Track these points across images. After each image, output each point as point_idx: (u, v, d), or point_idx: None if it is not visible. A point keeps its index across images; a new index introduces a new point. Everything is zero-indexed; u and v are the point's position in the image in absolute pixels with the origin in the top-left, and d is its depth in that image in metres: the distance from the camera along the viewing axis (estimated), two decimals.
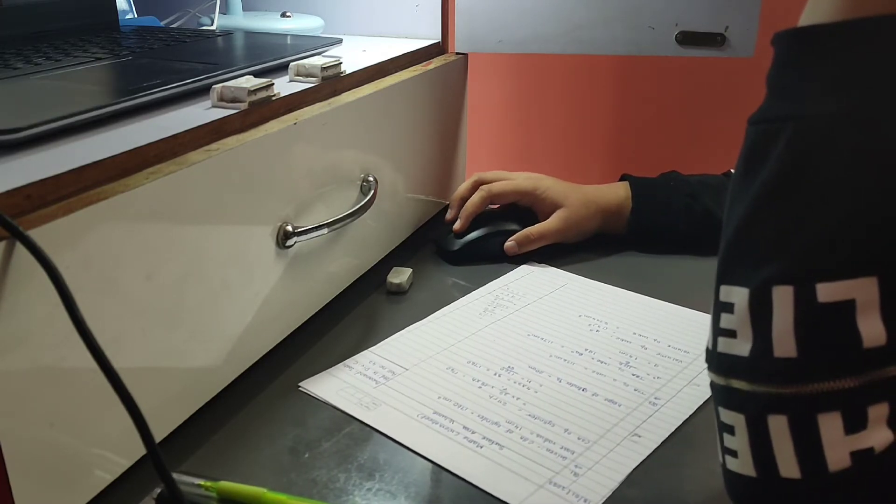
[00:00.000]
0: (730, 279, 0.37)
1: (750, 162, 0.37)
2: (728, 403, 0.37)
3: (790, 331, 0.34)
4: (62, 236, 0.38)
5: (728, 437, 0.37)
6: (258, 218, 0.53)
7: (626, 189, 0.78)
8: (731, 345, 0.37)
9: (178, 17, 0.94)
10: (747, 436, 0.36)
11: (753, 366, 0.36)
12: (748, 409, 0.36)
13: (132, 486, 0.44)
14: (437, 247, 0.77)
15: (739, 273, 0.37)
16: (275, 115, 0.56)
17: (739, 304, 0.36)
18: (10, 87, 0.54)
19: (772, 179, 0.36)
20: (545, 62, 1.27)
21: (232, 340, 0.52)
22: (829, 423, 0.34)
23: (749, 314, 0.36)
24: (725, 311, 0.37)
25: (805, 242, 0.35)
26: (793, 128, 0.35)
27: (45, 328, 0.38)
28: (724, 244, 0.38)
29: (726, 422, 0.37)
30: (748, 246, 0.37)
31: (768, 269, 0.35)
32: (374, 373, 0.57)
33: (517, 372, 0.57)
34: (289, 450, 0.49)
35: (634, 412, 0.52)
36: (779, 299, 0.35)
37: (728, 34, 0.77)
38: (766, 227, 0.36)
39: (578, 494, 0.45)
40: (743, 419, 0.36)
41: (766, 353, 0.35)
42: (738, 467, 0.37)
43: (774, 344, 0.35)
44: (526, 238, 0.74)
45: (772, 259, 0.35)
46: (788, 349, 0.34)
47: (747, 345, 0.36)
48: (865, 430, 0.33)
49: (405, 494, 0.45)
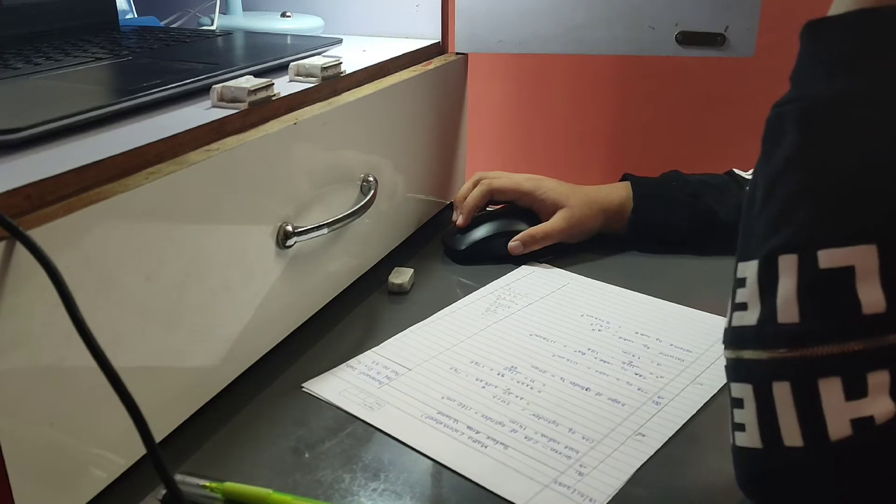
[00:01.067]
0: (745, 255, 0.39)
1: (766, 145, 0.40)
2: (738, 376, 0.39)
3: (793, 297, 0.36)
4: (62, 236, 0.38)
5: (737, 411, 0.38)
6: (258, 218, 0.53)
7: (627, 189, 0.77)
8: (742, 317, 0.38)
9: (178, 17, 0.94)
10: (755, 406, 0.37)
11: (759, 332, 0.37)
12: (755, 377, 0.37)
13: (132, 486, 0.43)
14: (445, 247, 0.77)
15: (753, 248, 0.38)
16: (275, 115, 0.56)
17: (750, 277, 0.38)
18: (10, 87, 0.54)
19: (781, 157, 0.38)
20: (545, 62, 1.27)
21: (232, 340, 0.52)
22: (830, 389, 0.35)
23: (758, 284, 0.37)
24: (740, 286, 0.39)
25: (809, 212, 0.36)
26: (799, 108, 0.38)
27: (45, 328, 0.37)
28: (743, 224, 0.40)
29: (736, 396, 0.38)
30: (761, 222, 0.38)
31: (775, 239, 0.37)
32: (377, 373, 0.56)
33: (520, 372, 0.56)
34: (292, 450, 0.48)
35: (638, 411, 0.52)
36: (784, 267, 0.36)
37: (728, 34, 0.77)
38: (777, 201, 0.38)
39: (584, 494, 0.44)
40: (751, 389, 0.37)
41: (770, 320, 0.36)
42: (745, 441, 0.38)
43: (779, 310, 0.36)
44: (530, 238, 0.74)
45: (779, 229, 0.37)
46: (791, 315, 0.36)
47: (756, 314, 0.37)
48: (866, 397, 0.34)
49: (410, 494, 0.45)
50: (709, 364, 0.57)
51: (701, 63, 1.14)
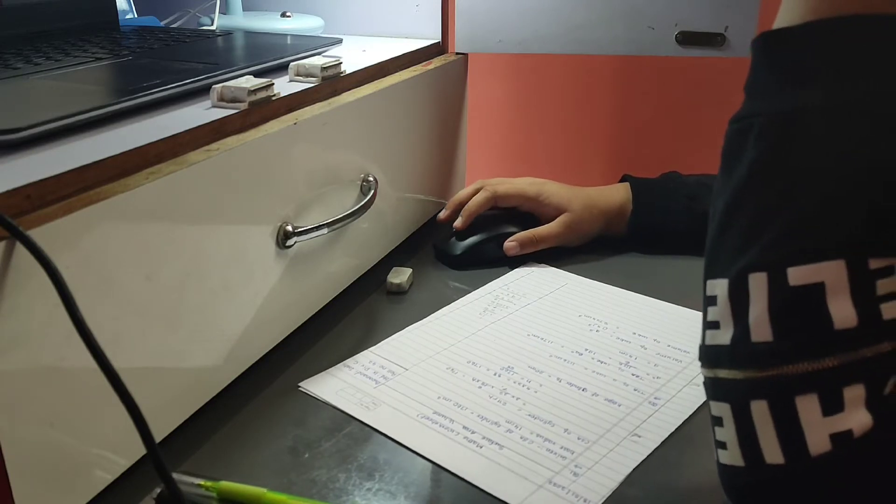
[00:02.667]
0: (713, 273, 0.39)
1: (727, 160, 0.39)
2: (715, 395, 0.38)
3: (765, 316, 0.36)
4: (62, 236, 0.38)
5: (718, 429, 0.38)
6: (258, 218, 0.53)
7: (626, 190, 0.78)
8: (715, 336, 0.38)
9: (178, 17, 0.94)
10: (734, 425, 0.37)
11: (734, 352, 0.37)
12: (732, 397, 0.37)
13: (132, 486, 0.44)
14: (438, 252, 0.76)
15: (721, 266, 0.38)
16: (275, 115, 0.56)
17: (721, 295, 0.38)
18: (10, 87, 0.54)
19: (744, 173, 0.37)
20: (545, 62, 1.27)
21: (232, 340, 0.52)
22: (807, 406, 0.35)
23: (729, 303, 0.37)
24: (710, 304, 0.39)
25: (776, 230, 0.36)
26: (760, 122, 0.37)
27: (45, 328, 0.38)
28: (707, 241, 0.40)
29: (716, 414, 0.38)
30: (727, 239, 0.38)
31: (744, 258, 0.37)
32: (374, 373, 0.57)
33: (517, 372, 0.57)
34: (289, 450, 0.49)
35: (634, 412, 0.52)
36: (754, 286, 0.36)
37: (728, 34, 0.77)
38: (742, 218, 0.37)
39: (578, 494, 0.45)
40: (729, 409, 0.37)
41: (744, 338, 0.36)
42: (727, 458, 0.38)
43: (752, 329, 0.36)
44: (528, 239, 0.74)
45: (748, 248, 0.37)
46: (764, 333, 0.36)
47: (729, 333, 0.37)
48: (843, 412, 0.34)
49: (405, 494, 0.45)
50: None
51: (701, 63, 1.14)
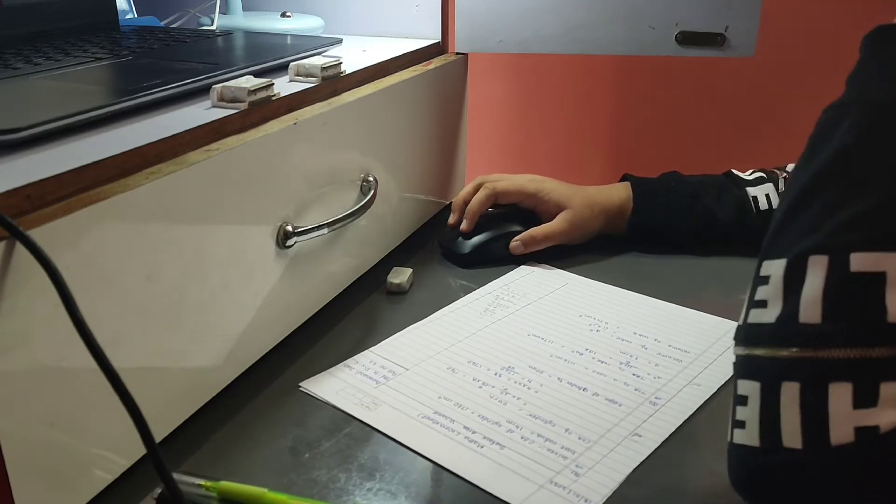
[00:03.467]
0: (772, 254, 0.38)
1: (814, 144, 0.39)
2: (747, 373, 0.38)
3: (818, 298, 0.35)
4: (62, 236, 0.38)
5: (740, 408, 0.38)
6: (258, 218, 0.53)
7: (627, 189, 0.78)
8: (760, 315, 0.38)
9: (178, 17, 0.94)
10: (759, 404, 0.37)
11: (777, 330, 0.37)
12: (765, 375, 0.37)
13: (132, 486, 0.44)
14: (445, 251, 0.77)
15: (782, 247, 0.38)
16: (275, 115, 0.56)
17: (775, 275, 0.37)
18: (10, 87, 0.54)
19: (830, 158, 0.37)
20: (545, 62, 1.27)
21: (232, 340, 0.52)
22: (839, 394, 0.34)
23: (782, 283, 0.37)
24: (761, 283, 0.38)
25: (847, 215, 0.36)
26: (856, 110, 0.38)
27: (45, 328, 0.37)
28: (774, 223, 0.39)
29: (742, 393, 0.38)
30: (798, 221, 0.38)
31: (808, 241, 0.36)
32: (375, 373, 0.57)
33: (517, 372, 0.57)
34: (289, 450, 0.49)
35: (635, 412, 0.52)
36: (814, 267, 0.36)
37: (728, 34, 0.77)
38: (817, 202, 0.37)
39: (579, 494, 0.45)
40: (758, 387, 0.37)
41: (791, 318, 0.36)
42: (743, 438, 0.37)
43: (801, 309, 0.36)
44: (532, 239, 0.74)
45: (814, 232, 0.36)
46: (814, 315, 0.35)
47: (775, 312, 0.37)
48: (875, 407, 0.34)
49: (406, 494, 0.45)
50: (706, 365, 0.57)
51: (701, 63, 1.14)
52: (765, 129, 1.20)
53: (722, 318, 0.64)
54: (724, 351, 0.59)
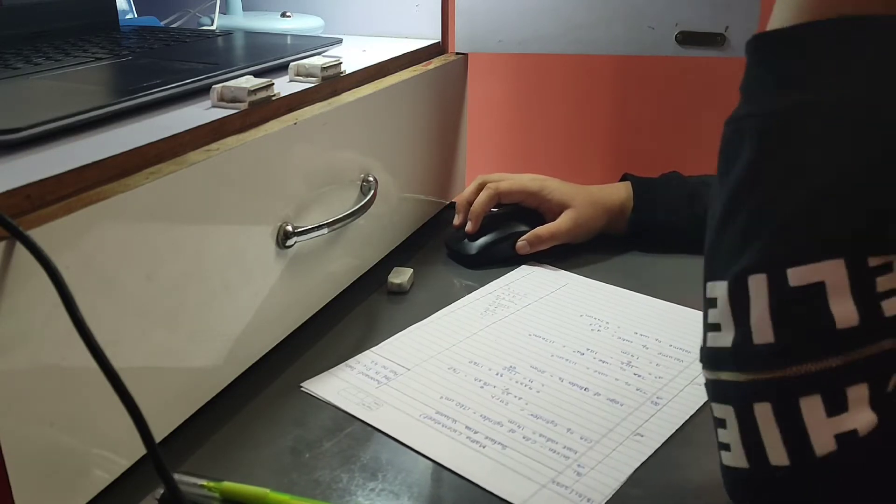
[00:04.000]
0: (712, 275, 0.39)
1: (723, 162, 0.39)
2: (718, 397, 0.38)
3: (766, 317, 0.35)
4: (62, 236, 0.38)
5: (721, 431, 0.38)
6: (258, 218, 0.53)
7: (627, 189, 0.78)
8: (716, 338, 0.38)
9: (178, 17, 0.94)
10: (737, 427, 0.37)
11: (736, 355, 0.37)
12: (735, 399, 0.37)
13: (132, 486, 0.44)
14: (451, 252, 0.76)
15: (720, 267, 0.38)
16: (275, 115, 0.56)
17: (721, 298, 0.38)
18: (10, 87, 0.54)
19: (740, 174, 0.38)
20: (545, 62, 1.27)
21: (232, 340, 0.52)
22: (811, 406, 0.35)
23: (729, 305, 0.37)
24: (711, 306, 0.39)
25: (773, 230, 0.36)
26: (754, 123, 0.37)
27: (45, 328, 0.37)
28: (706, 243, 0.40)
29: (718, 416, 0.38)
30: (725, 241, 0.38)
31: (743, 260, 0.37)
32: (376, 373, 0.56)
33: (519, 372, 0.57)
34: (290, 450, 0.49)
35: (636, 412, 0.52)
36: (754, 287, 0.36)
37: (728, 34, 0.77)
38: (739, 220, 0.37)
39: (581, 494, 0.45)
40: (732, 411, 0.37)
41: (746, 341, 0.36)
42: (731, 461, 0.38)
43: (753, 331, 0.36)
44: (537, 238, 0.74)
45: (745, 250, 0.37)
46: (766, 335, 0.36)
47: (730, 336, 0.37)
48: (847, 412, 0.34)
49: (408, 494, 0.45)
50: None
51: (701, 63, 1.14)
52: None
53: None
54: None
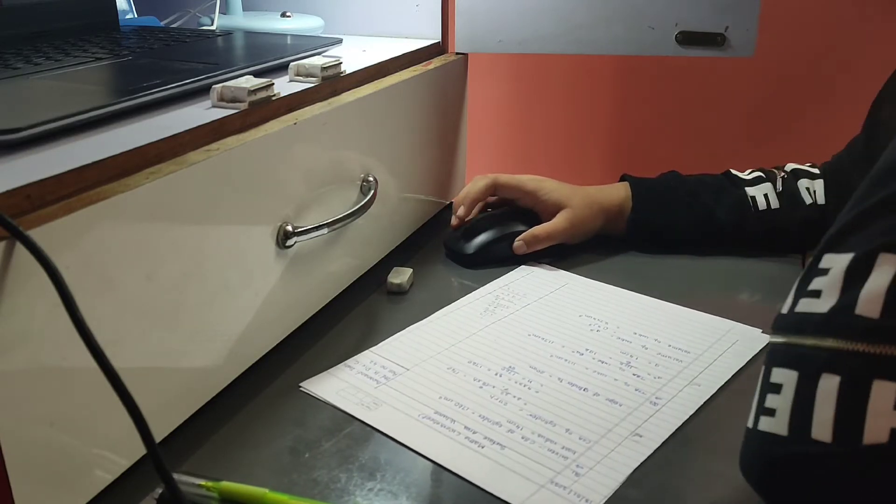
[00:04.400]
0: (838, 248, 0.38)
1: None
2: (785, 361, 0.38)
3: (881, 294, 0.35)
4: (62, 236, 0.38)
5: (771, 396, 0.37)
6: (258, 218, 0.53)
7: (626, 189, 0.78)
8: (810, 304, 0.37)
9: (178, 17, 0.94)
10: (793, 394, 0.36)
11: (828, 320, 0.36)
12: (805, 364, 0.36)
13: (132, 486, 0.44)
14: (449, 251, 0.77)
15: (852, 242, 0.37)
16: (275, 115, 0.56)
17: (837, 268, 0.37)
18: (10, 87, 0.54)
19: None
20: (545, 62, 1.27)
21: (232, 340, 0.52)
22: (882, 392, 0.34)
23: (844, 276, 0.36)
24: (819, 275, 0.38)
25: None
26: None
27: (45, 328, 0.37)
28: (844, 218, 0.38)
29: (775, 381, 0.37)
30: (876, 223, 0.37)
31: (883, 239, 0.36)
32: (375, 373, 0.57)
33: (518, 372, 0.57)
34: (289, 450, 0.49)
35: (635, 412, 0.52)
36: (882, 265, 0.35)
37: (728, 34, 0.77)
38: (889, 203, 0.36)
39: (580, 494, 0.45)
40: (795, 376, 0.36)
41: (846, 310, 0.35)
42: (769, 426, 0.37)
43: (860, 302, 0.35)
44: (534, 238, 0.74)
45: (892, 233, 0.36)
46: (872, 309, 0.35)
47: (829, 303, 0.36)
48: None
49: (407, 494, 0.45)
50: (707, 365, 0.57)
51: (701, 63, 1.14)
52: (764, 129, 1.20)
53: (721, 318, 0.64)
54: (724, 351, 0.59)
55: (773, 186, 0.75)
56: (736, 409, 0.40)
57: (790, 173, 0.76)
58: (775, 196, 0.74)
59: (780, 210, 0.74)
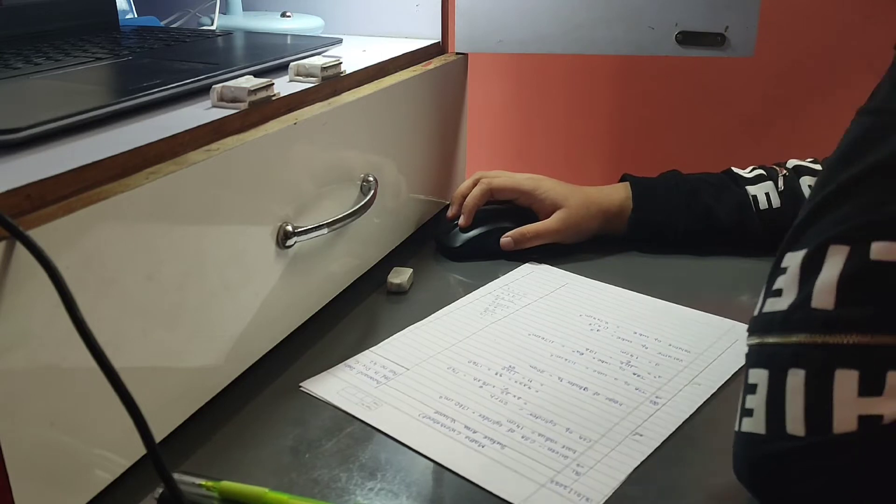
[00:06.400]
0: (795, 246, 0.38)
1: (855, 146, 0.39)
2: (757, 361, 0.38)
3: (833, 285, 0.35)
4: (62, 236, 0.38)
5: (749, 397, 0.38)
6: (258, 218, 0.53)
7: (626, 189, 0.78)
8: (773, 303, 0.38)
9: (178, 17, 0.94)
10: (766, 392, 0.37)
11: (787, 317, 0.37)
12: (773, 362, 0.37)
13: (132, 486, 0.44)
14: (439, 243, 0.77)
15: (806, 238, 0.38)
16: (275, 115, 0.56)
17: (793, 265, 0.38)
18: (10, 87, 0.54)
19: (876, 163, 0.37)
20: (545, 62, 1.27)
21: (232, 340, 0.52)
22: (845, 381, 0.34)
23: (800, 271, 0.37)
24: (779, 274, 0.38)
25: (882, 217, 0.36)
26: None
27: (45, 328, 0.37)
28: (802, 216, 0.39)
29: (751, 381, 0.38)
30: (827, 217, 0.38)
31: (832, 232, 0.36)
32: (375, 373, 0.57)
33: (518, 371, 0.57)
34: (290, 450, 0.49)
35: (635, 411, 0.52)
36: (832, 256, 0.36)
37: (728, 34, 0.77)
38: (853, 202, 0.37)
39: (580, 493, 0.45)
40: (766, 375, 0.37)
41: (803, 304, 0.36)
42: (750, 426, 0.38)
43: (814, 295, 0.36)
44: (522, 236, 0.74)
45: (840, 224, 0.36)
46: (826, 301, 0.36)
47: (789, 300, 0.37)
48: (880, 396, 0.34)
49: (407, 494, 0.45)
50: (707, 364, 0.57)
51: (701, 63, 1.14)
52: (764, 128, 1.20)
53: (722, 317, 0.64)
54: (724, 350, 0.59)
55: (775, 185, 0.75)
56: (736, 408, 0.40)
57: (792, 170, 0.75)
58: (776, 195, 0.74)
59: (781, 209, 0.74)
